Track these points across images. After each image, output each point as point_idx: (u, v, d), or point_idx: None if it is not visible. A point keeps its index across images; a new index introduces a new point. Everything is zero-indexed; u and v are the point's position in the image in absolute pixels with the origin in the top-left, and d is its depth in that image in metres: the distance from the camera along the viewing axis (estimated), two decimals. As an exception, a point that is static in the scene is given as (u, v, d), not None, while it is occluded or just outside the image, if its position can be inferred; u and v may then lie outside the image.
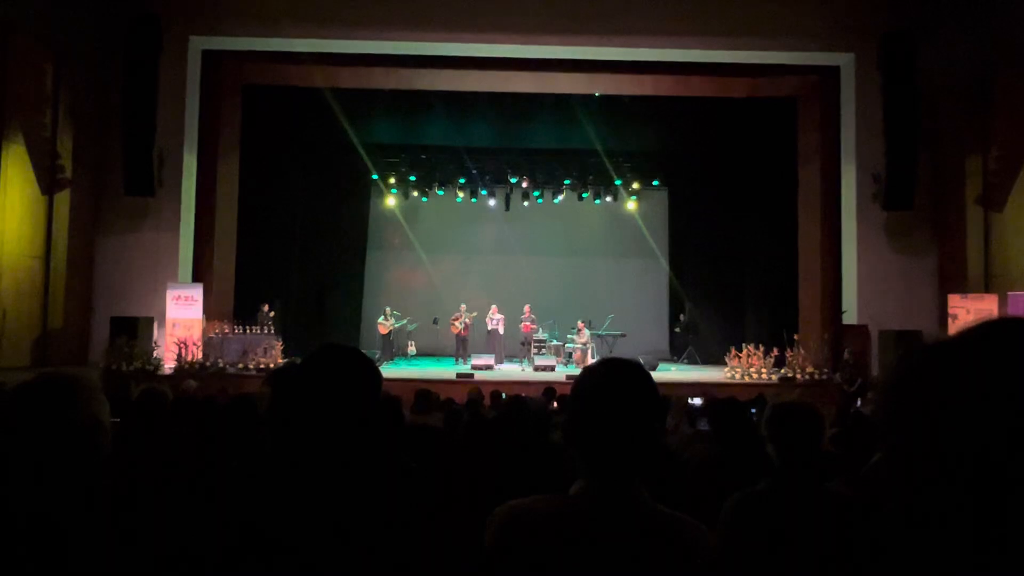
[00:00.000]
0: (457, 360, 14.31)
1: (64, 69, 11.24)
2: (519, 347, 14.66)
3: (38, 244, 10.95)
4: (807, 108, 13.12)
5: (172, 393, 4.08)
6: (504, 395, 7.25)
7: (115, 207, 12.08)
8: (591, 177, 16.24)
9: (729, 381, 11.81)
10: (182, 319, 11.80)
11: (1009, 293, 10.46)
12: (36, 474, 1.47)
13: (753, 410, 6.77)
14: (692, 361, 15.05)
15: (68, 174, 11.39)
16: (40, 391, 1.53)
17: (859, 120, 12.20)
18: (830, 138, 12.54)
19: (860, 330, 11.87)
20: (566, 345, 14.30)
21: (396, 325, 14.68)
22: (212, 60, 12.42)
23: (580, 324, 14.23)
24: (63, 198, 11.36)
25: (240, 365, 11.74)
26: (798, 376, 11.49)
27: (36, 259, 10.90)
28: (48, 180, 11.06)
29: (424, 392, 5.54)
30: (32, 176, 10.76)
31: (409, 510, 1.58)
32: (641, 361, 12.57)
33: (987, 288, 11.28)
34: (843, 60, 12.29)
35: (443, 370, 13.13)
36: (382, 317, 14.61)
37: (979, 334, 0.78)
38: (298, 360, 1.72)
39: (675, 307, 16.82)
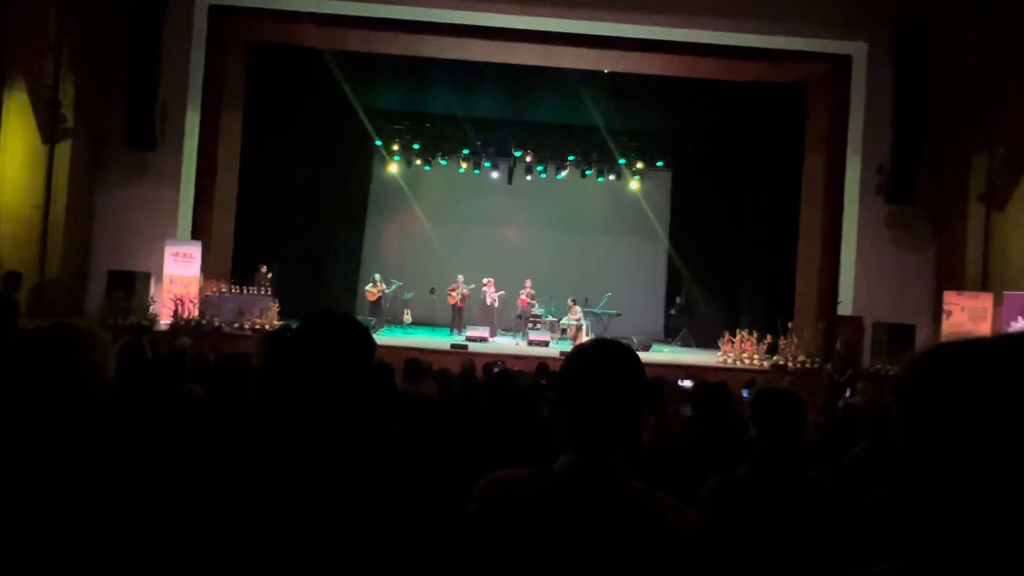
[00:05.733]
0: (452, 331, 14.36)
1: (68, 18, 11.10)
2: (514, 321, 14.70)
3: (38, 193, 10.90)
4: (816, 96, 13.03)
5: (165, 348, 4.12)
6: (499, 363, 7.29)
7: (116, 160, 12.01)
8: (595, 155, 16.18)
9: (721, 365, 11.88)
10: (179, 276, 11.80)
11: (1005, 292, 10.49)
12: (41, 418, 1.49)
13: (745, 392, 6.83)
14: (686, 344, 15.11)
15: (69, 124, 11.31)
16: (54, 338, 1.54)
17: (867, 111, 12.14)
18: (837, 127, 12.47)
19: (854, 321, 11.92)
20: (561, 321, 14.35)
21: (388, 291, 14.67)
22: (219, 16, 12.26)
23: (571, 302, 14.27)
24: (64, 148, 11.28)
25: (236, 325, 11.77)
26: (790, 364, 11.56)
27: (35, 208, 10.86)
28: (49, 129, 10.97)
29: (414, 361, 5.56)
30: (33, 124, 10.67)
31: (397, 475, 1.60)
32: (635, 341, 12.68)
33: (984, 286, 11.30)
34: (855, 49, 12.18)
35: (437, 340, 13.18)
36: (370, 284, 14.60)
37: (1009, 343, 0.77)
38: (292, 324, 1.74)
39: (672, 289, 16.85)
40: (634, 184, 16.75)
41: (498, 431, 3.35)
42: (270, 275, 13.25)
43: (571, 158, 16.33)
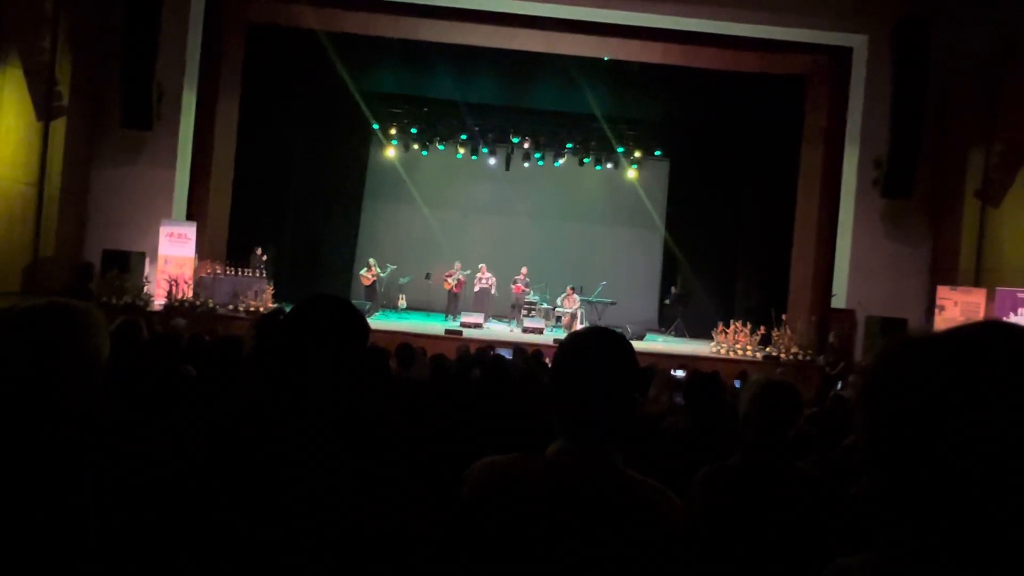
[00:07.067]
0: (447, 316, 14.36)
1: (65, -7, 11.00)
2: (509, 308, 14.71)
3: (32, 171, 10.83)
4: (816, 88, 13.01)
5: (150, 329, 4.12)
6: (492, 351, 7.30)
7: (111, 139, 11.93)
8: (593, 143, 16.16)
9: (714, 355, 11.92)
10: (174, 257, 11.77)
11: (998, 288, 10.53)
12: (33, 398, 1.49)
13: (737, 382, 6.87)
14: (680, 333, 15.15)
15: (65, 102, 11.21)
16: (48, 318, 1.54)
17: (866, 104, 12.12)
18: (836, 120, 12.46)
19: (847, 314, 11.96)
20: (556, 309, 14.36)
21: (383, 275, 14.65)
22: (217, -5, 12.17)
23: (569, 290, 14.28)
24: (59, 126, 11.20)
25: (230, 307, 11.76)
26: (782, 355, 11.61)
27: (29, 186, 10.79)
28: (44, 107, 10.88)
29: (405, 347, 5.56)
30: (28, 101, 10.58)
31: (389, 460, 1.61)
32: (628, 330, 12.69)
33: (977, 282, 11.35)
34: (856, 41, 12.15)
35: (432, 325, 13.19)
36: (364, 268, 14.59)
37: (963, 334, 0.79)
38: (285, 308, 1.73)
39: (667, 278, 16.89)
40: (632, 173, 16.74)
41: (491, 416, 3.36)
42: (265, 257, 13.23)
43: (569, 146, 16.29)
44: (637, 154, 16.29)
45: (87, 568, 1.45)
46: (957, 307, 11.07)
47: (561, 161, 16.57)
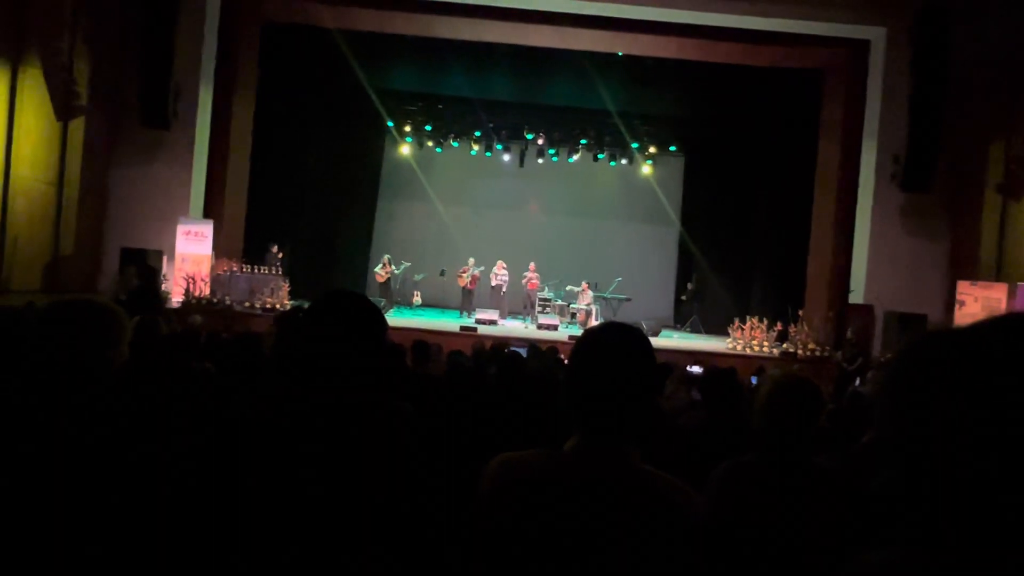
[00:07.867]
0: (462, 313, 14.38)
1: (83, -6, 11.09)
2: (522, 304, 14.71)
3: (52, 170, 10.95)
4: (833, 81, 12.89)
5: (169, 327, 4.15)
6: (509, 349, 7.30)
7: (129, 138, 12.05)
8: (608, 139, 16.10)
9: (730, 352, 11.86)
10: (191, 254, 11.87)
11: (1020, 283, 10.41)
12: (53, 391, 1.50)
13: (755, 379, 6.84)
14: (695, 330, 15.08)
15: (83, 101, 11.33)
16: (74, 314, 1.55)
17: (885, 97, 12.00)
18: (853, 114, 12.34)
19: (865, 310, 11.86)
20: (570, 305, 14.34)
21: (397, 272, 14.70)
22: (233, -6, 12.24)
23: (584, 285, 14.26)
24: (77, 125, 11.31)
25: (247, 304, 11.85)
26: (799, 352, 11.53)
27: (49, 185, 10.91)
28: (63, 107, 10.99)
29: (421, 344, 5.58)
30: (47, 101, 10.69)
31: (408, 454, 1.62)
32: (644, 326, 12.65)
33: (998, 277, 11.21)
34: (874, 34, 12.03)
35: (447, 322, 13.22)
36: (379, 266, 14.64)
37: (987, 328, 0.79)
38: (304, 305, 1.74)
39: (682, 275, 16.81)
40: (646, 169, 16.67)
41: (507, 413, 3.37)
42: (281, 255, 13.31)
43: (583, 141, 16.26)
44: (652, 150, 16.22)
45: (96, 561, 1.46)
46: (977, 302, 10.94)
47: (575, 157, 16.53)
